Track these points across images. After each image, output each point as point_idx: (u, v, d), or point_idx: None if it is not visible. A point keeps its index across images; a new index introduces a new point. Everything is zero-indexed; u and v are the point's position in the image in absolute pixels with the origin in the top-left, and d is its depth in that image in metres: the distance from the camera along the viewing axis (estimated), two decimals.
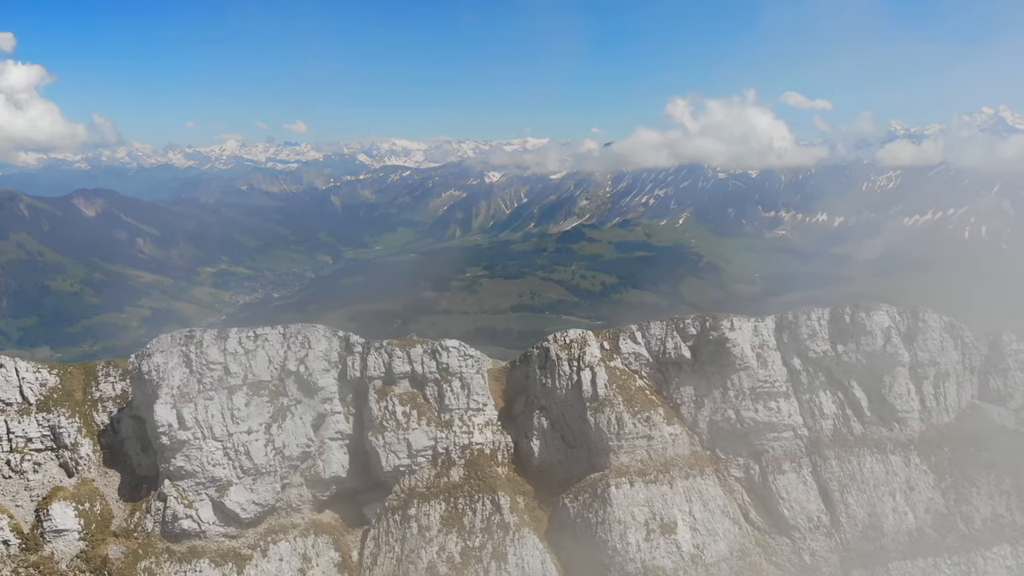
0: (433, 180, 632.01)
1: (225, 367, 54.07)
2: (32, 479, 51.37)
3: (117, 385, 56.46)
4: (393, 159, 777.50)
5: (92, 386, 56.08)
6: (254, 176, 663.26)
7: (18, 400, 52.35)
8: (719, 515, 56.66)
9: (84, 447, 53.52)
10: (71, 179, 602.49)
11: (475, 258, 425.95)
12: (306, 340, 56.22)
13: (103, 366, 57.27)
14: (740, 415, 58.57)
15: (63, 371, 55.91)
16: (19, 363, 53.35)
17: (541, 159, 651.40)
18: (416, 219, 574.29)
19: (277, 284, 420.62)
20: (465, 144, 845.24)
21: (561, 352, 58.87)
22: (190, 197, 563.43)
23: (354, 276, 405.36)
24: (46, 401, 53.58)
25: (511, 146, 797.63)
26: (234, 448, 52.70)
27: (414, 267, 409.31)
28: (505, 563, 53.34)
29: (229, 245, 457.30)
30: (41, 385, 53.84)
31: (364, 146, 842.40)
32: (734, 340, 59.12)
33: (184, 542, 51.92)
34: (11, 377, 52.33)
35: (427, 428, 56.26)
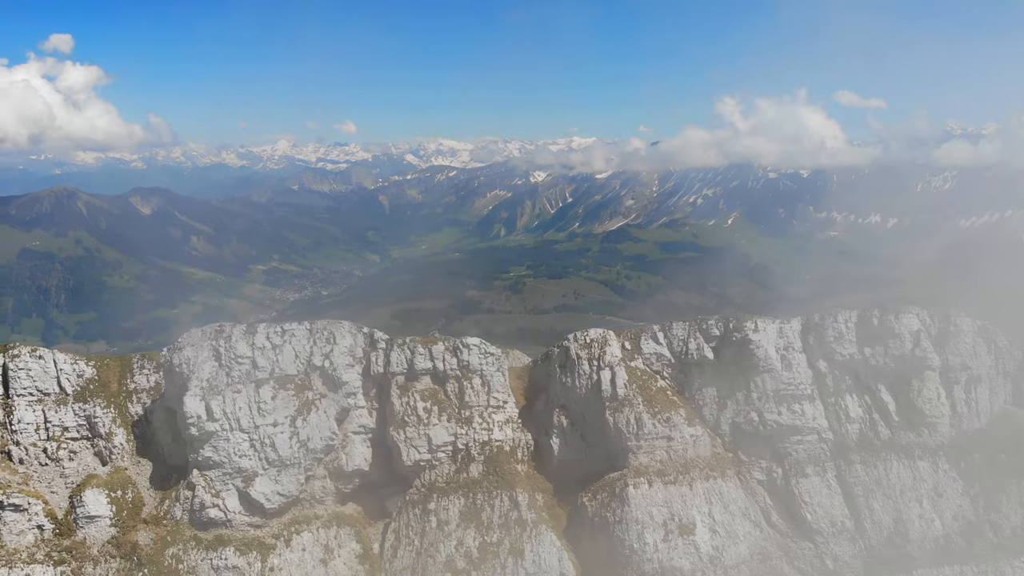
0: (479, 180, 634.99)
1: (253, 361, 55.62)
2: (67, 467, 53.52)
3: (151, 377, 58.37)
4: (440, 159, 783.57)
5: (127, 378, 58.07)
6: (305, 176, 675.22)
7: (56, 391, 54.53)
8: (740, 517, 56.30)
9: (118, 437, 55.54)
10: (128, 178, 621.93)
11: (519, 258, 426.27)
12: (331, 336, 57.48)
13: (138, 359, 59.30)
14: (763, 417, 58.10)
15: (100, 363, 58.06)
16: (57, 355, 55.58)
17: (587, 158, 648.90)
18: (461, 218, 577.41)
19: (326, 282, 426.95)
20: (511, 144, 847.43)
21: (581, 351, 59.10)
22: (243, 196, 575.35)
23: (400, 274, 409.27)
24: (83, 392, 55.69)
25: (556, 145, 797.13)
26: (260, 440, 54.16)
27: (459, 266, 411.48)
28: (522, 559, 53.82)
29: (280, 243, 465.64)
30: (78, 376, 55.98)
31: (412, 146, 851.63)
32: (758, 342, 58.65)
33: (211, 530, 53.53)
34: (49, 368, 54.56)
35: (447, 424, 57.06)
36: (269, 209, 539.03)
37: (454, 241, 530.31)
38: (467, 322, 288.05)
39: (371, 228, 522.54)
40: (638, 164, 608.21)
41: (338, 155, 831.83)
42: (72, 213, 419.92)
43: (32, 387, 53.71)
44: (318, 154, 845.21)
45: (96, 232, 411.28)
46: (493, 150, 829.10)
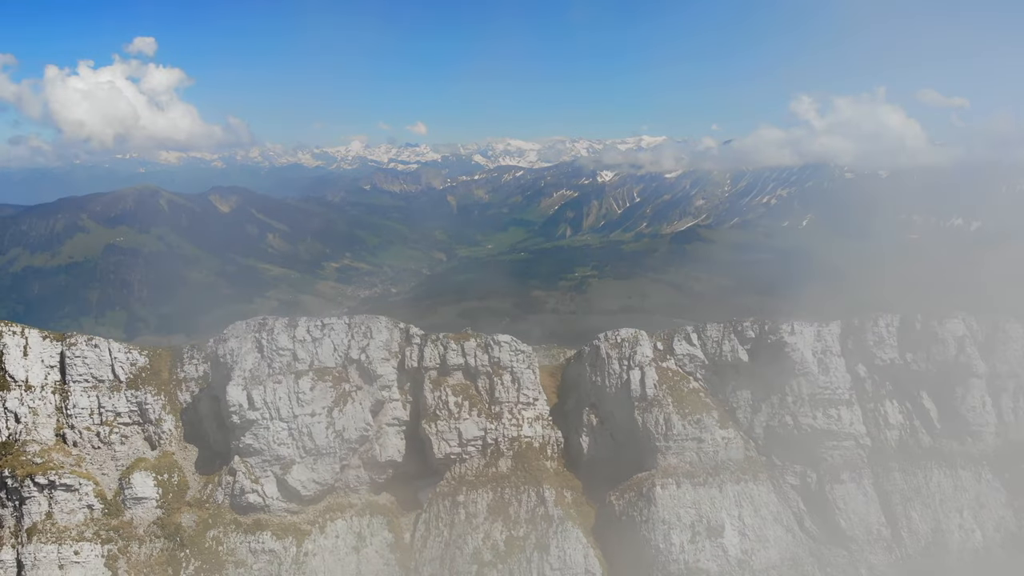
0: (545, 180, 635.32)
1: (293, 353, 57.81)
2: (118, 450, 56.68)
3: (200, 367, 61.14)
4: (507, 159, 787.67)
5: (178, 367, 61.01)
6: (377, 176, 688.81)
7: (110, 378, 57.78)
8: (771, 522, 55.58)
9: (167, 423, 58.48)
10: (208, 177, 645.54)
11: (585, 258, 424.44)
12: (368, 330, 59.23)
13: (188, 349, 62.21)
14: (798, 421, 57.21)
15: (152, 353, 61.20)
16: (112, 344, 58.85)
17: (656, 157, 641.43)
18: (527, 218, 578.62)
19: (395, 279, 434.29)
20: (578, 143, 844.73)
21: (611, 351, 59.29)
22: (317, 195, 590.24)
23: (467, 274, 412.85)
24: (135, 379, 58.84)
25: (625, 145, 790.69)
26: (298, 429, 56.19)
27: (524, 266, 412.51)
28: (547, 554, 54.39)
29: (352, 242, 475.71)
30: (131, 365, 59.17)
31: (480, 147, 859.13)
32: (793, 344, 57.79)
33: (250, 515, 55.88)
34: (104, 357, 57.85)
35: (477, 419, 58.09)
36: (342, 208, 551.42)
37: (520, 241, 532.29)
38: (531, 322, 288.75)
39: (439, 227, 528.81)
40: (709, 163, 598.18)
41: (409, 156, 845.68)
42: (155, 210, 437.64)
43: (88, 374, 57.05)
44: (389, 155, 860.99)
45: (177, 229, 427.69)
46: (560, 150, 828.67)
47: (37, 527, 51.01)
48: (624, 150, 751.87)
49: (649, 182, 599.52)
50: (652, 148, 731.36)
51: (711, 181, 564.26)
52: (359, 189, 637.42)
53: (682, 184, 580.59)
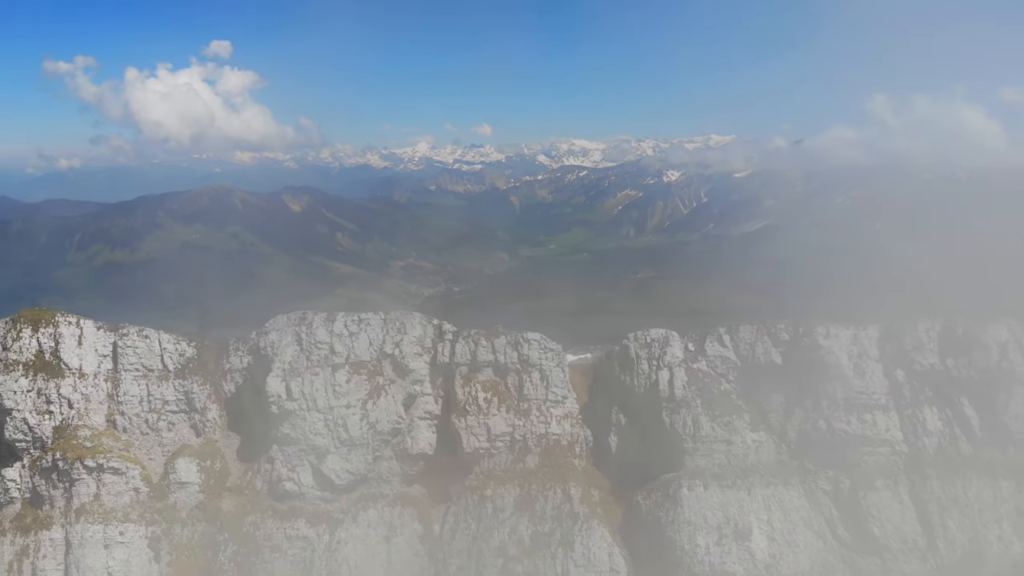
0: (609, 180, 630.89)
1: (331, 347, 59.76)
2: (165, 437, 59.50)
3: (244, 359, 63.53)
4: (571, 159, 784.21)
5: (224, 358, 63.54)
6: (442, 177, 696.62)
7: (159, 367, 60.69)
8: (801, 527, 54.78)
9: (212, 411, 61.10)
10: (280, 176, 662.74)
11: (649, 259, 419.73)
12: (403, 326, 60.75)
13: (234, 341, 64.71)
14: (831, 426, 56.25)
15: (200, 344, 63.95)
16: (162, 335, 61.77)
17: (725, 157, 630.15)
18: (590, 218, 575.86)
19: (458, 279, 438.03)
20: (644, 143, 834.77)
21: (640, 351, 59.32)
22: (384, 195, 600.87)
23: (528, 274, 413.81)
24: (183, 369, 61.63)
25: (693, 144, 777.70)
26: (334, 420, 58.00)
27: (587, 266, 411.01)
28: (572, 551, 54.82)
29: (417, 241, 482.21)
30: (180, 355, 62.02)
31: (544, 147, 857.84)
32: (828, 348, 56.87)
33: (286, 502, 57.97)
34: (155, 347, 60.81)
35: (506, 415, 58.90)
36: (408, 208, 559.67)
37: (582, 241, 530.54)
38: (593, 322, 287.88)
39: (501, 227, 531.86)
40: (780, 163, 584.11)
41: (473, 156, 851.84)
42: (229, 209, 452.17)
43: (138, 363, 60.07)
44: (455, 156, 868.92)
45: (251, 227, 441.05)
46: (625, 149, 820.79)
47: (85, 508, 54.09)
48: (691, 149, 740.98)
49: (717, 182, 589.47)
50: (721, 147, 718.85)
51: (782, 181, 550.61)
52: (424, 189, 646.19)
53: (751, 184, 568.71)
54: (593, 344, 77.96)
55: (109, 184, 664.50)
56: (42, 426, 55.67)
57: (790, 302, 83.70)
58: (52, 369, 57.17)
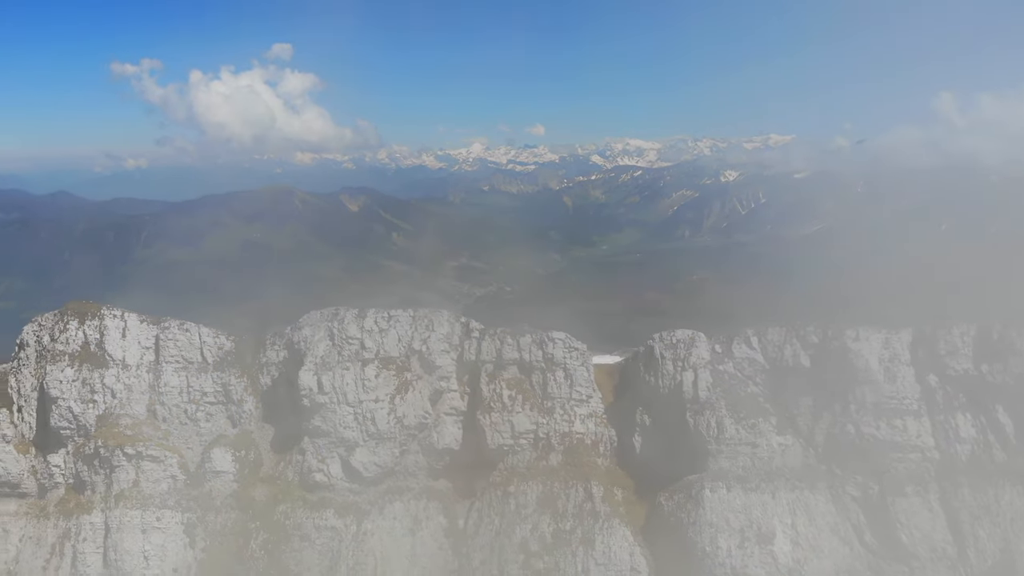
0: (664, 180, 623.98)
1: (361, 342, 61.20)
2: (203, 427, 61.67)
3: (280, 352, 65.35)
4: (626, 159, 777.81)
5: (260, 352, 65.52)
6: (495, 177, 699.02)
7: (199, 360, 62.94)
8: (827, 532, 54.05)
9: (248, 403, 63.08)
10: (339, 177, 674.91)
11: (704, 260, 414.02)
12: (431, 323, 61.80)
13: (271, 335, 66.61)
14: (860, 431, 55.34)
15: (238, 338, 66.01)
16: (202, 329, 63.98)
17: (784, 157, 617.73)
18: (644, 219, 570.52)
19: (509, 279, 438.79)
20: (701, 142, 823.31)
21: (666, 351, 59.18)
22: (439, 196, 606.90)
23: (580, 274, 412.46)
24: (221, 362, 63.71)
25: (751, 144, 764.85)
26: (363, 414, 59.42)
27: (640, 268, 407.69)
28: (592, 549, 55.09)
29: (470, 241, 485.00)
30: (219, 348, 64.15)
31: (598, 147, 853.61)
32: (857, 351, 55.92)
33: (316, 493, 59.57)
34: (194, 340, 63.09)
35: (530, 413, 59.45)
36: (462, 209, 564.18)
37: (636, 242, 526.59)
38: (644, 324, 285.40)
39: (554, 228, 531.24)
40: (841, 164, 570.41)
41: (527, 157, 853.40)
42: (289, 208, 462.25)
43: (179, 356, 62.42)
44: (508, 156, 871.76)
45: (309, 226, 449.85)
46: (682, 148, 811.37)
47: (124, 494, 56.50)
48: (750, 149, 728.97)
49: (775, 183, 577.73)
50: (780, 147, 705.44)
51: (842, 183, 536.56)
52: (478, 190, 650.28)
53: (811, 185, 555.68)
54: (640, 346, 77.67)
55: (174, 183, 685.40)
56: (86, 415, 58.39)
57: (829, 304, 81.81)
58: (97, 360, 59.89)
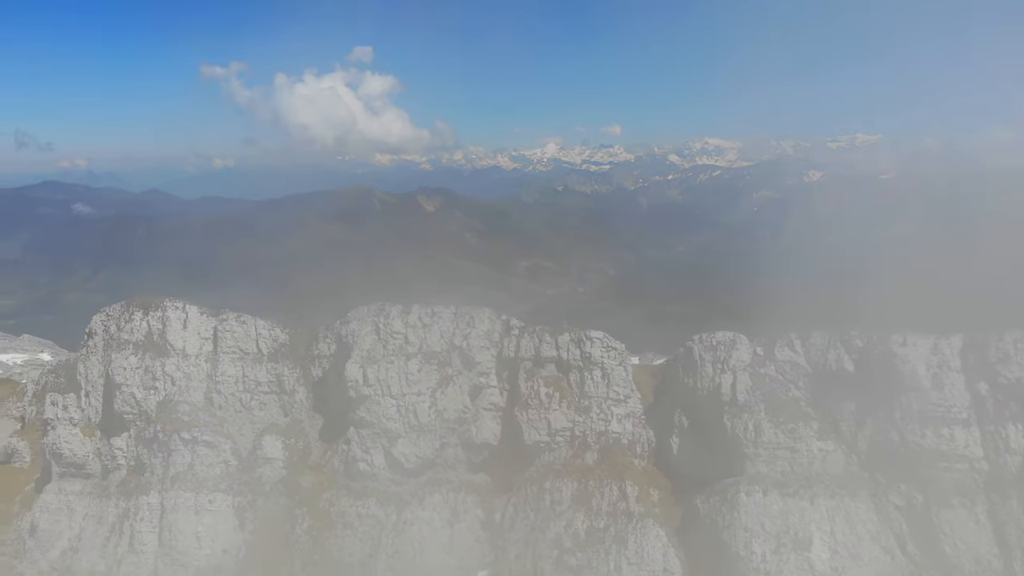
0: (744, 180, 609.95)
1: (405, 337, 62.96)
2: (256, 415, 64.52)
3: (331, 346, 67.67)
4: (704, 158, 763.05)
5: (313, 345, 68.01)
6: (570, 178, 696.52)
7: (254, 351, 65.88)
8: (868, 541, 52.73)
9: (299, 393, 65.71)
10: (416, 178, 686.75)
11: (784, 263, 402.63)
12: (472, 320, 63.07)
13: (323, 329, 68.98)
14: (905, 439, 53.75)
15: (293, 331, 68.72)
16: (258, 322, 66.92)
17: (870, 157, 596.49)
18: (723, 220, 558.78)
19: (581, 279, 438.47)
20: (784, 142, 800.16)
21: (705, 353, 58.73)
22: (513, 196, 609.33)
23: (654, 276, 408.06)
24: (275, 353, 66.54)
25: (836, 143, 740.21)
26: (405, 406, 61.11)
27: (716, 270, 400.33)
28: (625, 548, 55.22)
29: (542, 241, 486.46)
30: (274, 340, 66.99)
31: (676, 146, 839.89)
32: (904, 357, 54.34)
33: (359, 482, 61.58)
34: (251, 332, 66.07)
35: (566, 411, 59.98)
36: (535, 209, 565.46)
37: (713, 243, 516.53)
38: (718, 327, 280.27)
39: (628, 229, 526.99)
40: (930, 165, 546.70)
41: (602, 157, 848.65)
42: (368, 208, 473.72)
43: (236, 347, 65.50)
44: (583, 156, 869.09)
45: (387, 226, 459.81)
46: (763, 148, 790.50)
47: (180, 477, 59.66)
48: (835, 149, 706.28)
49: (860, 184, 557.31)
50: (866, 147, 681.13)
51: (930, 184, 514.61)
52: (552, 190, 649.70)
53: (897, 187, 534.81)
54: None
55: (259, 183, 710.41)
56: (147, 400, 61.95)
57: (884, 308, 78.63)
58: (159, 349, 63.44)
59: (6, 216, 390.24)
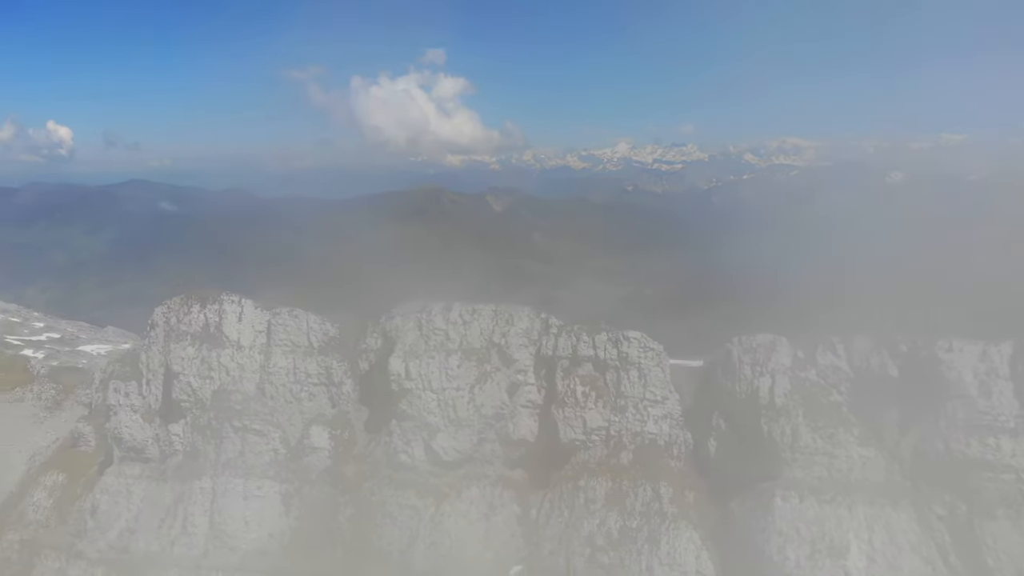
0: (823, 180, 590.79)
1: (446, 333, 64.40)
2: (305, 406, 66.93)
3: (377, 340, 69.48)
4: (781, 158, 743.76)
5: (361, 339, 70.05)
6: (640, 177, 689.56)
7: (305, 344, 68.28)
8: (907, 551, 51.51)
9: (347, 386, 67.81)
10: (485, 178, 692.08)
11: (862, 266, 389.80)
12: (511, 318, 64.04)
13: (371, 324, 71.02)
14: (949, 447, 52.26)
15: (343, 325, 70.94)
16: (310, 316, 69.28)
17: (955, 158, 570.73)
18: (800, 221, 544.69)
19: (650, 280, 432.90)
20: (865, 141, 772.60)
21: (744, 356, 58.18)
22: (581, 196, 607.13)
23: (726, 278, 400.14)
24: (325, 347, 68.79)
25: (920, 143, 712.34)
26: (445, 401, 62.52)
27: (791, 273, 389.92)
28: (657, 549, 55.30)
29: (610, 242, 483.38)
30: (324, 334, 69.26)
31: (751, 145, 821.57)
32: (949, 363, 52.79)
33: (400, 473, 63.18)
34: (302, 326, 68.52)
35: (602, 411, 60.31)
36: (604, 209, 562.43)
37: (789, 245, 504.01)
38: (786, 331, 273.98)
39: (700, 229, 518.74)
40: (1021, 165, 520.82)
41: (674, 156, 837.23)
42: (439, 209, 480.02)
43: (288, 340, 68.04)
44: (654, 156, 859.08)
45: (456, 226, 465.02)
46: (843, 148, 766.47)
47: (231, 463, 62.44)
48: (918, 149, 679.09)
49: (945, 185, 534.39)
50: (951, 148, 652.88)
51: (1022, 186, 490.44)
52: (622, 190, 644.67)
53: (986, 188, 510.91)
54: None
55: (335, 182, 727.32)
56: (203, 389, 65.10)
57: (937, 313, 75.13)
58: (215, 340, 66.50)
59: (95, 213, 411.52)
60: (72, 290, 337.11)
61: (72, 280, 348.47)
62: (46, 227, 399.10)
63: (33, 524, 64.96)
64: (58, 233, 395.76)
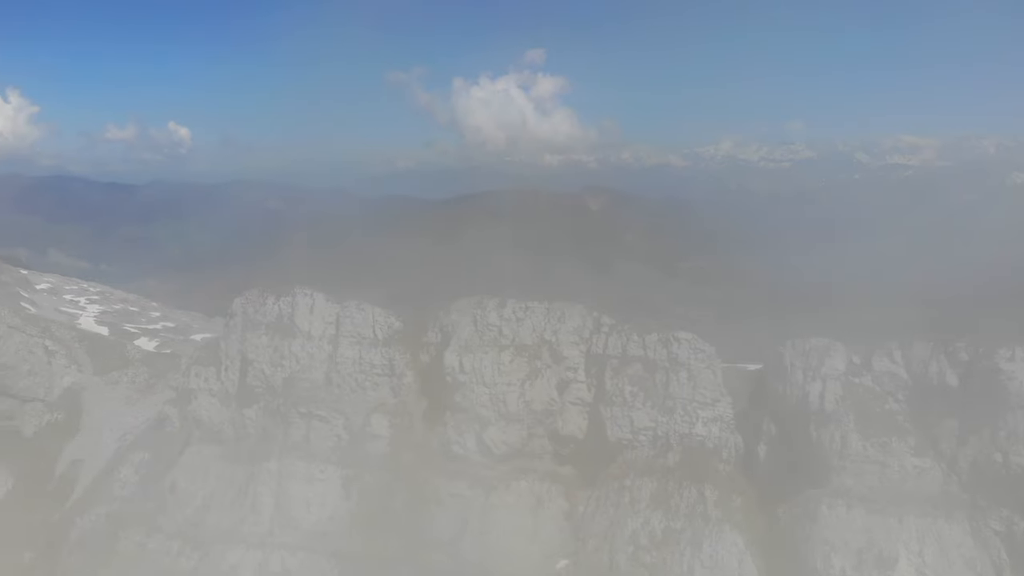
0: (940, 181, 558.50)
1: (499, 329, 66.21)
2: (369, 395, 69.90)
3: (436, 334, 71.65)
4: (896, 157, 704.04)
5: (423, 333, 72.63)
6: (745, 176, 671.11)
7: (371, 336, 71.31)
8: (960, 566, 49.81)
9: (408, 377, 70.40)
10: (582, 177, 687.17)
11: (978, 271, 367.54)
12: (563, 315, 65.15)
13: (431, 319, 73.52)
14: (1008, 459, 50.09)
15: (406, 319, 73.73)
16: (376, 310, 72.27)
17: None
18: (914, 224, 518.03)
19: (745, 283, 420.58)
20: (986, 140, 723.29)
21: (796, 360, 57.20)
22: (680, 196, 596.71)
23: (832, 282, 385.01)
24: (389, 339, 71.62)
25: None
26: (496, 395, 64.27)
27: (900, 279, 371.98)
28: (700, 551, 55.20)
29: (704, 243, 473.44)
30: (388, 327, 72.19)
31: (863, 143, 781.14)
32: (1010, 372, 50.50)
33: (453, 463, 65.30)
34: (368, 319, 71.65)
35: (650, 411, 60.50)
36: (704, 208, 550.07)
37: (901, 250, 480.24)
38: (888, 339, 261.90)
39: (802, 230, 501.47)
40: None
41: (782, 154, 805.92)
42: (533, 208, 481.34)
43: (355, 332, 71.28)
44: (760, 153, 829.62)
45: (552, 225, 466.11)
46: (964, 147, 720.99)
47: (296, 447, 66.07)
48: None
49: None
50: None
51: None
52: (724, 189, 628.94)
53: None
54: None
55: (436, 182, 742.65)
56: (274, 376, 69.17)
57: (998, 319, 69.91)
58: (287, 330, 70.52)
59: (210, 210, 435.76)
60: (188, 282, 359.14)
61: (188, 273, 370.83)
62: (165, 222, 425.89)
63: (119, 499, 70.55)
64: (176, 228, 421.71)
